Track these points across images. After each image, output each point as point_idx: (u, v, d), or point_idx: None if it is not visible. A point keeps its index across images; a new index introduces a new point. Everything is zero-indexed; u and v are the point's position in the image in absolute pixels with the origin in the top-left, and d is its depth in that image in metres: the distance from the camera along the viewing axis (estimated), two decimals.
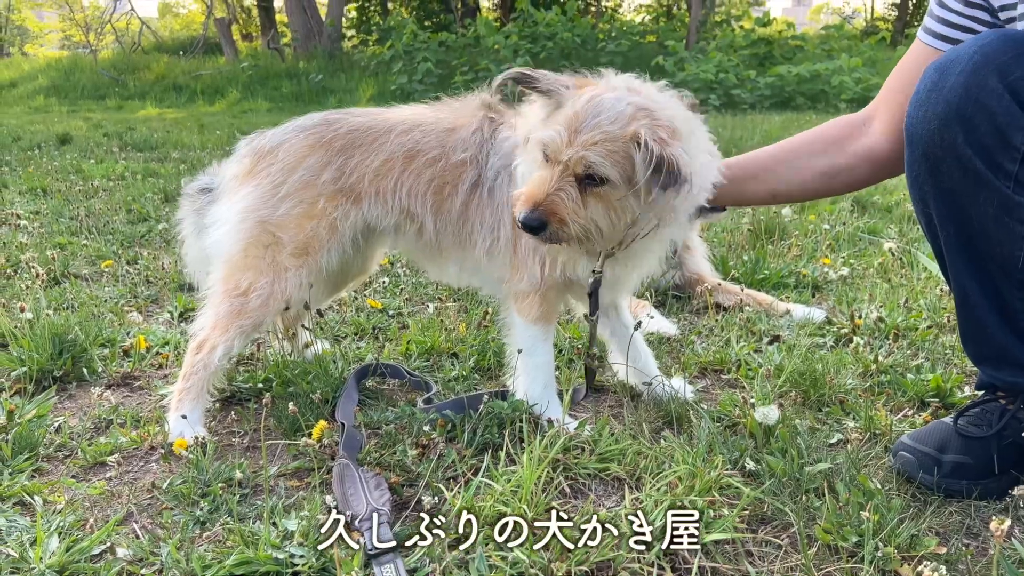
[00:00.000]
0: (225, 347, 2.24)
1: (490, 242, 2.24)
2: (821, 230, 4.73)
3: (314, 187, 2.25)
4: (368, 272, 2.79)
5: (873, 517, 1.67)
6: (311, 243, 2.25)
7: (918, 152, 1.79)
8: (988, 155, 1.69)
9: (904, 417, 2.35)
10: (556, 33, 18.27)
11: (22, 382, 2.54)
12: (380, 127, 2.28)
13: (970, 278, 1.85)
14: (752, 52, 18.63)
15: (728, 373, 2.74)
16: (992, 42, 1.70)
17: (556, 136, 1.86)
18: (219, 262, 2.30)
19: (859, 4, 47.02)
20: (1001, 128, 1.66)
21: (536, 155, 1.96)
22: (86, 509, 1.89)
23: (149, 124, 13.23)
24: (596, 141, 1.83)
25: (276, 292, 2.24)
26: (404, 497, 1.93)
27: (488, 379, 2.69)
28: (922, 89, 1.78)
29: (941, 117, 1.71)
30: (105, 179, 7.12)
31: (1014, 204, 1.70)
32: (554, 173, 1.88)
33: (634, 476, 1.99)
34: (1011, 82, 1.65)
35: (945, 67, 1.73)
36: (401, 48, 18.36)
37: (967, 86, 1.68)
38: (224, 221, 2.30)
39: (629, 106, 1.86)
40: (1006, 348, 1.87)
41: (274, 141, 2.31)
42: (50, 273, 3.80)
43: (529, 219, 1.88)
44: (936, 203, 1.82)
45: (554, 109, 1.94)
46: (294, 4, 22.67)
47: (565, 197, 1.88)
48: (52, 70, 22.68)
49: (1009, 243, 1.74)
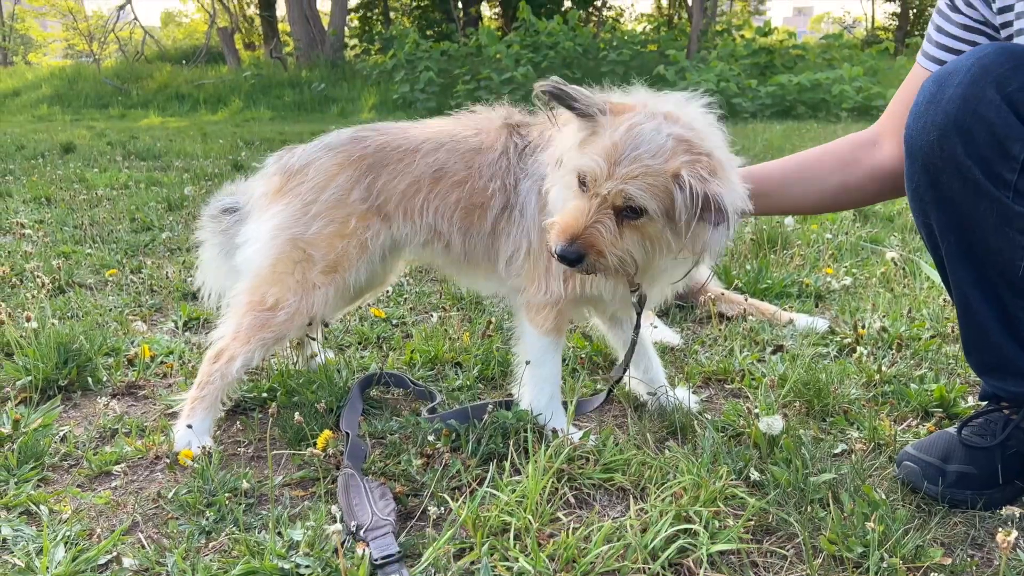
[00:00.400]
0: (244, 359, 2.24)
1: (511, 252, 2.25)
2: (823, 240, 4.74)
3: (344, 206, 2.26)
4: (388, 284, 2.79)
5: (878, 528, 1.67)
6: (341, 261, 2.26)
7: (918, 163, 1.81)
8: (987, 165, 1.70)
9: (908, 427, 2.35)
10: (558, 42, 18.33)
11: (27, 391, 2.55)
12: (407, 146, 2.29)
13: (972, 288, 1.85)
14: (753, 61, 18.68)
15: (732, 383, 2.74)
16: (989, 54, 1.72)
17: (595, 167, 1.84)
18: (247, 275, 2.31)
19: (859, 14, 47.18)
20: (999, 139, 1.68)
21: (571, 181, 1.94)
22: (92, 519, 1.90)
23: (152, 133, 13.28)
24: (636, 175, 1.82)
25: (303, 308, 2.25)
26: (409, 507, 1.93)
27: (492, 389, 2.69)
28: (921, 101, 1.79)
29: (940, 128, 1.73)
30: (109, 188, 7.15)
31: (1014, 214, 1.72)
32: (592, 204, 1.86)
33: (639, 486, 1.99)
34: (1009, 93, 1.67)
35: (943, 79, 1.75)
36: (403, 57, 18.42)
37: (965, 97, 1.69)
38: (256, 239, 2.30)
39: (669, 138, 1.84)
40: (1009, 358, 1.88)
41: (304, 159, 2.32)
42: (55, 282, 3.81)
43: (567, 252, 1.87)
44: (936, 214, 1.83)
45: (590, 134, 1.91)
46: (296, 13, 22.77)
47: (603, 229, 1.87)
48: (56, 79, 22.77)
49: (1009, 252, 1.75)
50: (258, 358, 2.29)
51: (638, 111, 1.90)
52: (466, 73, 17.76)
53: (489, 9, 30.26)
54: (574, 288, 2.19)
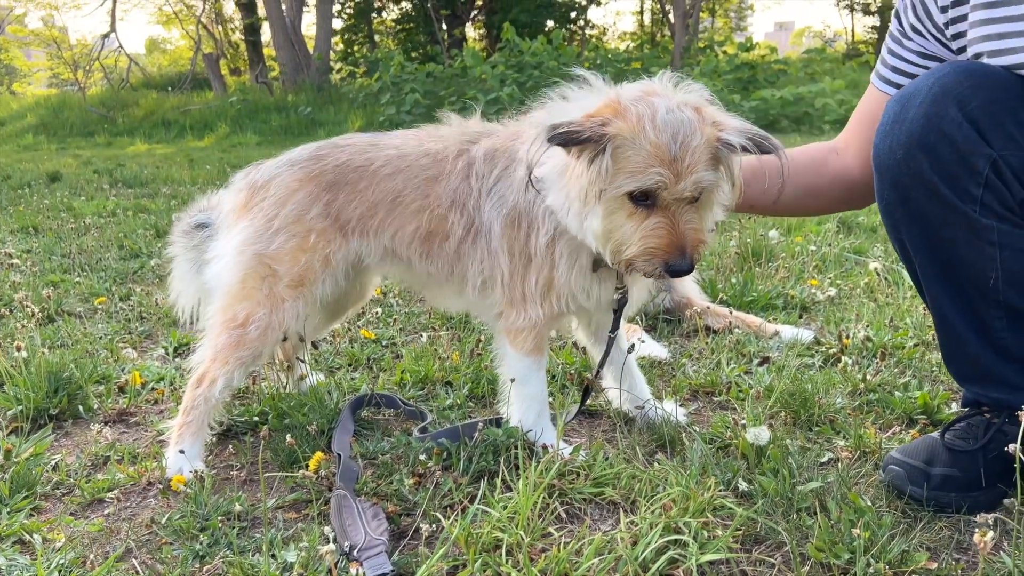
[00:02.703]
0: (225, 379, 2.26)
1: (481, 281, 2.26)
2: (808, 251, 4.79)
3: (304, 222, 2.28)
4: (364, 300, 2.82)
5: (864, 534, 1.69)
6: (306, 275, 2.28)
7: (887, 182, 1.87)
8: (953, 181, 1.76)
9: (893, 435, 2.38)
10: (542, 62, 18.44)
11: (18, 420, 2.55)
12: (366, 167, 2.30)
13: (947, 300, 1.90)
14: (736, 76, 18.84)
15: (719, 395, 2.77)
16: (949, 74, 1.79)
17: (660, 178, 1.84)
18: (218, 295, 2.33)
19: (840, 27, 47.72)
20: (963, 155, 1.74)
21: (617, 204, 1.91)
22: (85, 546, 1.90)
23: (139, 160, 13.27)
24: (696, 162, 1.86)
25: (274, 323, 2.27)
26: (402, 526, 1.95)
27: (483, 407, 2.71)
28: (886, 121, 1.86)
29: (905, 147, 1.79)
30: (96, 216, 7.15)
31: (982, 227, 1.77)
32: (672, 212, 1.89)
33: (629, 499, 2.01)
34: (969, 111, 1.73)
35: (906, 99, 1.82)
36: (389, 79, 18.49)
37: (928, 116, 1.76)
38: (223, 255, 2.33)
39: (686, 109, 1.88)
40: (988, 367, 1.92)
41: (267, 175, 2.35)
42: (44, 311, 3.81)
43: (684, 266, 1.90)
44: (908, 230, 1.89)
45: (615, 149, 1.85)
46: (281, 38, 22.88)
47: (694, 225, 1.92)
48: (41, 108, 22.75)
49: (981, 264, 1.81)
50: (238, 378, 2.30)
51: (629, 105, 1.88)
52: (452, 94, 17.84)
53: (474, 30, 30.48)
54: (551, 309, 2.22)
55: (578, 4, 29.27)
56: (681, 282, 3.66)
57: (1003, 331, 1.88)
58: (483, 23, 29.29)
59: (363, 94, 19.79)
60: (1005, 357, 1.91)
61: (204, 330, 2.38)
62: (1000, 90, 1.76)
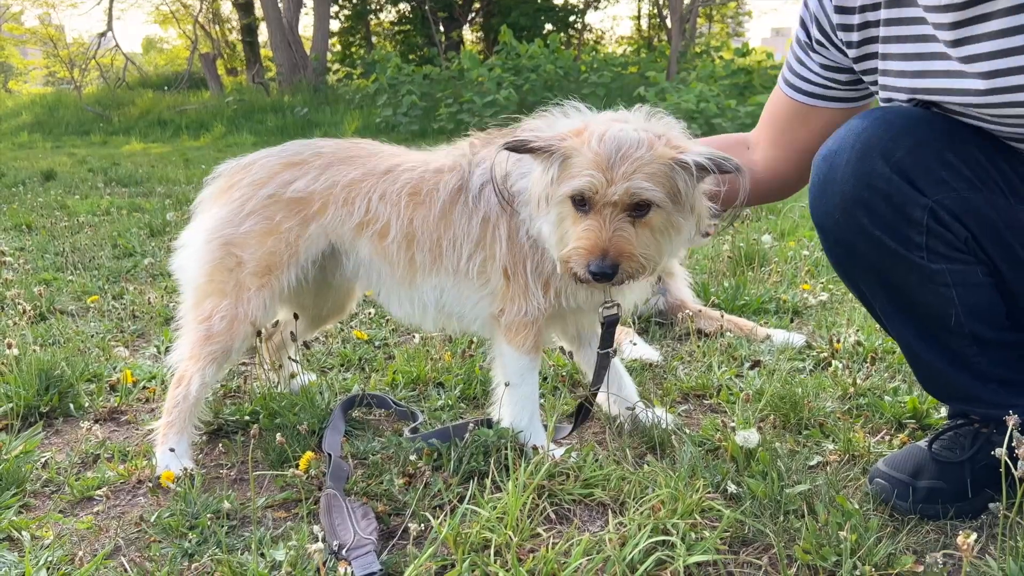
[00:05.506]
0: (200, 377, 2.25)
1: (479, 260, 2.22)
2: (800, 256, 4.81)
3: (279, 201, 2.28)
4: (347, 310, 2.79)
5: (851, 537, 1.70)
6: (272, 261, 2.27)
7: (831, 239, 1.86)
8: (895, 231, 1.75)
9: (882, 439, 2.39)
10: (539, 65, 18.46)
11: (9, 418, 2.55)
12: (358, 154, 2.34)
13: (915, 338, 1.89)
14: (732, 82, 18.87)
15: (710, 398, 2.78)
16: (868, 128, 1.76)
17: (592, 180, 1.88)
18: (187, 289, 2.33)
19: None
20: (899, 207, 1.73)
21: (563, 210, 1.97)
22: (74, 544, 1.90)
23: (134, 159, 13.25)
24: (634, 170, 1.88)
25: (240, 314, 2.25)
26: (391, 526, 1.95)
27: (474, 408, 2.72)
28: (817, 183, 1.84)
29: (841, 207, 1.78)
30: (90, 215, 7.14)
31: (932, 272, 1.76)
32: (603, 216, 1.90)
33: (618, 501, 2.02)
34: (896, 162, 1.71)
35: (831, 158, 1.80)
36: (385, 81, 18.49)
37: (857, 175, 1.74)
38: (190, 243, 2.34)
39: (640, 132, 1.92)
40: (966, 388, 1.90)
41: (250, 159, 2.38)
42: (36, 309, 3.80)
43: (603, 268, 1.90)
44: (862, 281, 1.89)
45: (563, 161, 1.94)
46: (279, 39, 22.86)
47: (625, 234, 1.92)
48: (36, 106, 22.69)
49: (939, 305, 1.80)
50: (212, 374, 2.28)
51: (593, 126, 1.96)
52: (448, 96, 17.85)
53: (471, 33, 30.50)
54: (551, 303, 2.23)
55: (576, 8, 29.32)
56: (675, 285, 3.68)
57: (976, 356, 1.86)
58: (480, 26, 29.32)
59: (360, 95, 19.79)
60: (983, 379, 1.88)
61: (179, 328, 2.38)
62: (921, 132, 1.74)
